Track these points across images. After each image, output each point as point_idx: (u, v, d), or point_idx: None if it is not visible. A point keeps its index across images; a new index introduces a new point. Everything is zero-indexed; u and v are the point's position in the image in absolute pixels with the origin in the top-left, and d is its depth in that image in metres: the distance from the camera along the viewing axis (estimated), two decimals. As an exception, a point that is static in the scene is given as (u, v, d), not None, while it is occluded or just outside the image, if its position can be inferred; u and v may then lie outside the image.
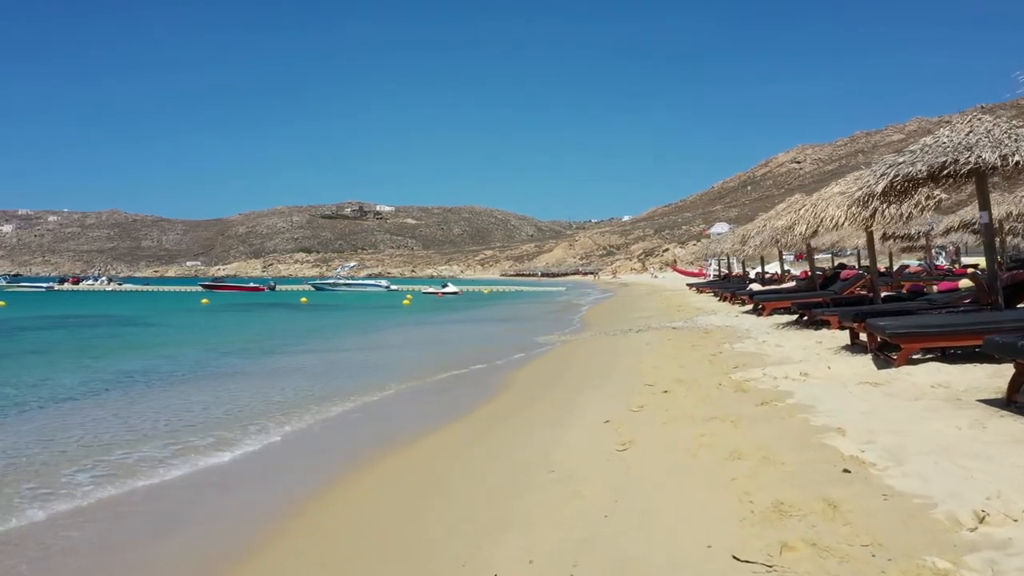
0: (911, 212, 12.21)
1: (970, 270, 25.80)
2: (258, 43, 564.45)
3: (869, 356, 9.57)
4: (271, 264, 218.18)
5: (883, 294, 15.31)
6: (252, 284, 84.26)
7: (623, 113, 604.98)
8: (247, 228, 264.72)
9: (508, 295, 65.85)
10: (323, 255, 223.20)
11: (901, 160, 9.17)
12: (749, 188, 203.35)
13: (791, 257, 52.03)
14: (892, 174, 9.09)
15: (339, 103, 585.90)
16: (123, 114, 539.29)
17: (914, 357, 8.15)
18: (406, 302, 47.68)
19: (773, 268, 40.11)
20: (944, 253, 52.39)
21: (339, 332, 25.37)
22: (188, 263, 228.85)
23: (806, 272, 23.91)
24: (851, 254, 59.35)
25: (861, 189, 9.90)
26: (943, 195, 13.47)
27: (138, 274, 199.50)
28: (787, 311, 18.17)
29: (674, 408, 7.23)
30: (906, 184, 9.65)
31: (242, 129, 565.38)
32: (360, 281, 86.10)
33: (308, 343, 21.20)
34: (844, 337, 12.39)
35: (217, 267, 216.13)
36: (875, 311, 10.52)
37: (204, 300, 49.97)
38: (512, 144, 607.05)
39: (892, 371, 7.82)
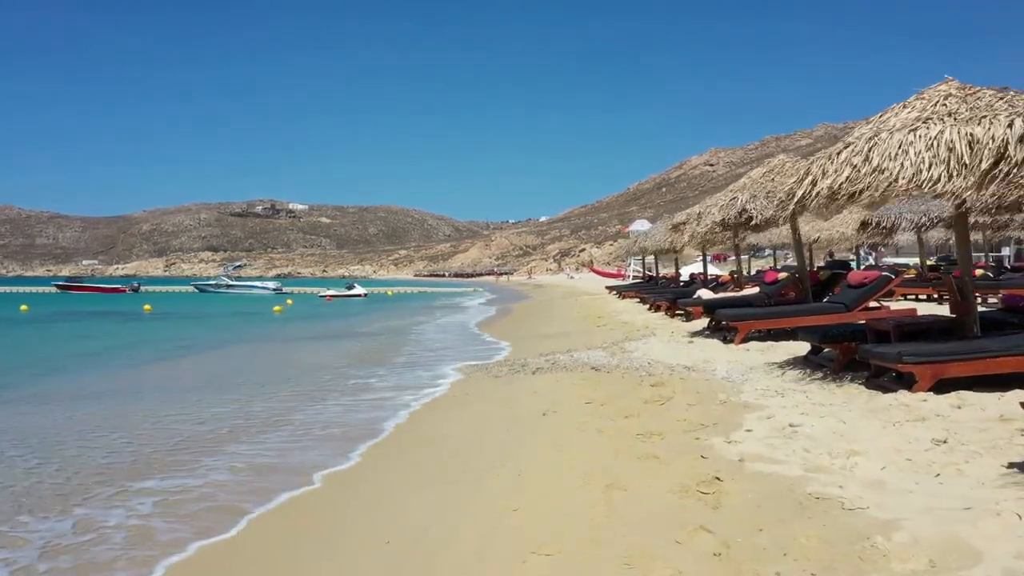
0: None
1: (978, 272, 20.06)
2: (165, 37, 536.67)
3: None
4: (173, 263, 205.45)
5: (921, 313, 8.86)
6: (111, 285, 75.32)
7: (542, 113, 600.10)
8: (152, 226, 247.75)
9: (411, 297, 60.33)
10: (231, 254, 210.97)
11: None
12: (664, 189, 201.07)
13: (709, 257, 45.69)
14: None
15: (252, 99, 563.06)
16: (19, 107, 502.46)
17: None
18: (277, 310, 39.13)
19: (698, 270, 34.25)
20: (875, 254, 47.20)
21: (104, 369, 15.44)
22: (85, 262, 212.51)
23: (774, 273, 17.53)
24: (765, 254, 52.40)
25: None
26: None
27: (30, 273, 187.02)
28: (769, 334, 11.65)
29: None
30: None
31: (149, 124, 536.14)
32: (245, 283, 77.57)
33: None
34: (957, 414, 5.84)
35: (116, 266, 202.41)
36: None
37: (23, 307, 40.80)
38: (432, 144, 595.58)
39: None
